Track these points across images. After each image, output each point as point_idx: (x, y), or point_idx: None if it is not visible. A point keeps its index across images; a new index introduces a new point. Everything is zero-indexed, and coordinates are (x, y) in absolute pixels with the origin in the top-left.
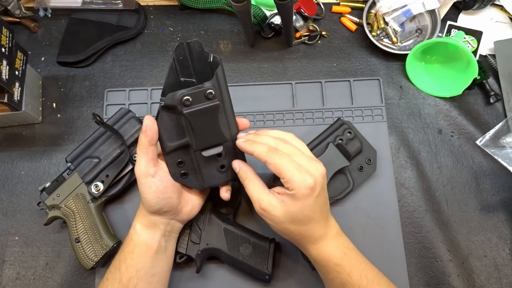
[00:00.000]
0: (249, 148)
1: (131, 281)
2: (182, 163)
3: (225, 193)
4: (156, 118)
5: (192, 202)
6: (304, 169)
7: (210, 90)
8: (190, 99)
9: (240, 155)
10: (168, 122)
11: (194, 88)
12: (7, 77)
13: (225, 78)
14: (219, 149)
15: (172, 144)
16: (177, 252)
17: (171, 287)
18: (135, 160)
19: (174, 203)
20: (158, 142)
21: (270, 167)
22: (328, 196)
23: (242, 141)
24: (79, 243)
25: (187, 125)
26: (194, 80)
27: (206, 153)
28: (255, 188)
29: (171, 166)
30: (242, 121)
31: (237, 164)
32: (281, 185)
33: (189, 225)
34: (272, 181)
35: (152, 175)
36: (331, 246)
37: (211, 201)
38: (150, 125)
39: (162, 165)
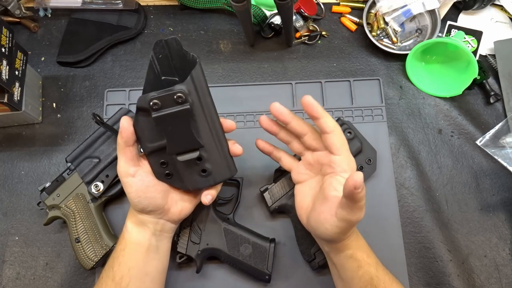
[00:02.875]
0: (322, 114)
1: (123, 279)
2: (165, 163)
3: (204, 197)
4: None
5: (182, 203)
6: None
7: (179, 94)
8: (159, 103)
9: (225, 159)
10: (145, 123)
11: (164, 91)
12: (7, 77)
13: (205, 77)
14: (194, 154)
15: (151, 145)
16: (177, 252)
17: (171, 287)
18: None
19: (158, 202)
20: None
21: (330, 140)
22: None
23: (309, 99)
24: (79, 243)
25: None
26: (176, 79)
27: (181, 158)
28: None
29: (154, 166)
30: (227, 123)
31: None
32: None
33: (189, 225)
34: (273, 180)
35: (132, 175)
36: (362, 240)
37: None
38: (125, 126)
39: (145, 165)
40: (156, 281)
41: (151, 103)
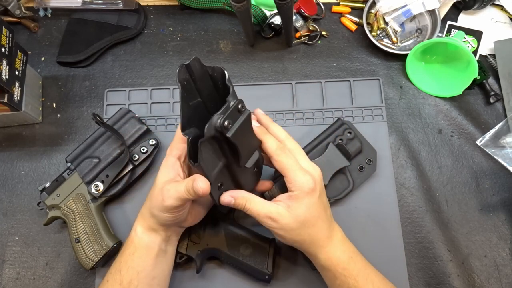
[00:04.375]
0: (262, 136)
1: (131, 283)
2: (222, 184)
3: (263, 187)
4: (191, 157)
5: (197, 212)
6: (305, 170)
7: (240, 104)
8: (231, 121)
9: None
10: (207, 154)
11: (227, 108)
12: (7, 77)
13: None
14: (256, 154)
15: (214, 172)
16: (177, 252)
17: (171, 287)
18: (135, 160)
19: (183, 218)
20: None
21: (275, 163)
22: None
23: (257, 126)
24: (79, 243)
25: (225, 146)
26: (199, 99)
27: (249, 164)
28: (258, 204)
29: (214, 193)
30: None
31: (228, 198)
32: (280, 187)
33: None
34: (273, 180)
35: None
36: (338, 250)
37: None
38: (205, 188)
39: None
40: (162, 283)
41: (224, 125)
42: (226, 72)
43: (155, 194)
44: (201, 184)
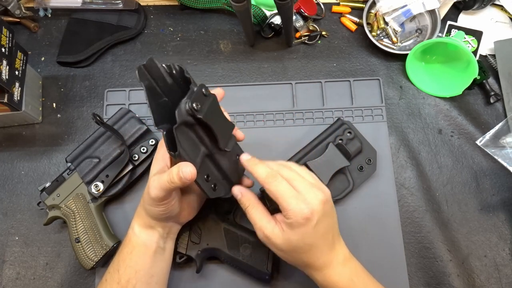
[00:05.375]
0: (251, 168)
1: (130, 282)
2: (209, 176)
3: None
4: (170, 148)
5: (190, 205)
6: (302, 197)
7: (203, 88)
8: (199, 103)
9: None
10: (186, 141)
11: (192, 93)
12: (7, 77)
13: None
14: (233, 139)
15: (198, 160)
16: (177, 252)
17: (171, 287)
18: (135, 160)
19: (176, 211)
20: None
21: (268, 192)
22: (336, 221)
23: (246, 159)
24: (79, 243)
25: (201, 132)
26: (165, 99)
27: (229, 147)
28: (258, 215)
29: (203, 185)
30: None
31: (238, 191)
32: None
33: (189, 225)
34: None
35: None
36: (337, 274)
37: (211, 201)
38: (192, 171)
39: None
40: (161, 281)
41: (194, 107)
42: (182, 67)
43: (145, 189)
44: (186, 168)
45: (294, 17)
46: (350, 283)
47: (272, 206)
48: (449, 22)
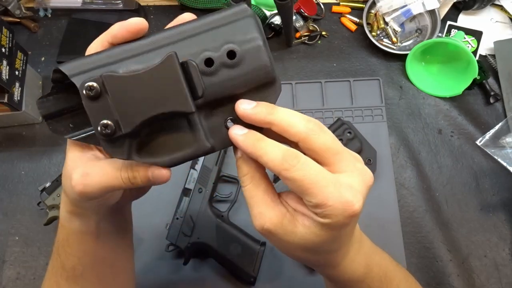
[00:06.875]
0: (255, 150)
1: (76, 269)
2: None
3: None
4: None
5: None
6: (345, 182)
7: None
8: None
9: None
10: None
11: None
12: (7, 77)
13: None
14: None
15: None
16: (169, 243)
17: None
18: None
19: (115, 200)
20: None
21: (287, 183)
22: None
23: (240, 133)
24: None
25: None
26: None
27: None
28: (258, 195)
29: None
30: None
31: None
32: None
33: (182, 216)
34: (273, 181)
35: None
36: (353, 265)
37: (210, 194)
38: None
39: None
40: (120, 260)
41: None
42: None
43: (65, 173)
44: (158, 171)
45: (294, 17)
46: (366, 270)
47: None
48: (449, 22)
